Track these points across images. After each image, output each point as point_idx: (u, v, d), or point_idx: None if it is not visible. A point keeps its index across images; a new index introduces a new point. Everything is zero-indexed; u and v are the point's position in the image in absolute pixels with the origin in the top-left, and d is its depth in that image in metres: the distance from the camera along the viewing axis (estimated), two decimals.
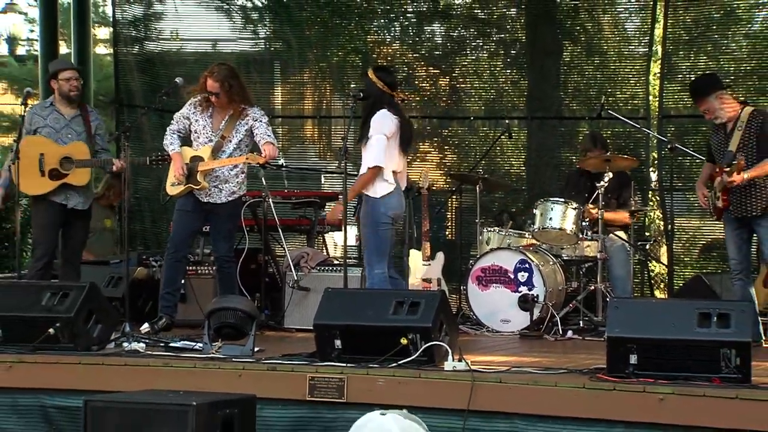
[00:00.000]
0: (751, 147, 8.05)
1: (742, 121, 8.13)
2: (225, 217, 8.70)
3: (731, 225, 8.31)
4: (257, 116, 8.60)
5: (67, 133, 8.94)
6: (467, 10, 13.69)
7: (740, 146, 8.10)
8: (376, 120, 8.30)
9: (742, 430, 6.05)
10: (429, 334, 6.86)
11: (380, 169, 8.21)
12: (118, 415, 5.93)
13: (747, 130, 8.09)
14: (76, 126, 8.99)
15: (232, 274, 8.82)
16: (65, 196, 8.89)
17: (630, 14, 12.82)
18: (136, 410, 5.93)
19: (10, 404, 7.43)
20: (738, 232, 8.29)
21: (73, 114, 9.02)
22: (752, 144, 8.06)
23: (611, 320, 6.75)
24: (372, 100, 8.42)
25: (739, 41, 12.32)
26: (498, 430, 6.49)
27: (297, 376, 6.90)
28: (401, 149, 8.43)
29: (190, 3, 13.08)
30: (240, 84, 8.62)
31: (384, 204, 8.29)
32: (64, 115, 9.01)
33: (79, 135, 8.97)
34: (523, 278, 9.20)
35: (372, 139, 8.26)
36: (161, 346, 7.79)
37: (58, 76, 9.04)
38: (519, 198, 12.41)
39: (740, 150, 8.07)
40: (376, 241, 8.33)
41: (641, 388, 6.26)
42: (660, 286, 11.78)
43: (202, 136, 8.64)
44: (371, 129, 8.29)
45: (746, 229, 8.27)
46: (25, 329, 7.67)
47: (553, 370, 6.83)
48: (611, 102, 11.59)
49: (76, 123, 8.99)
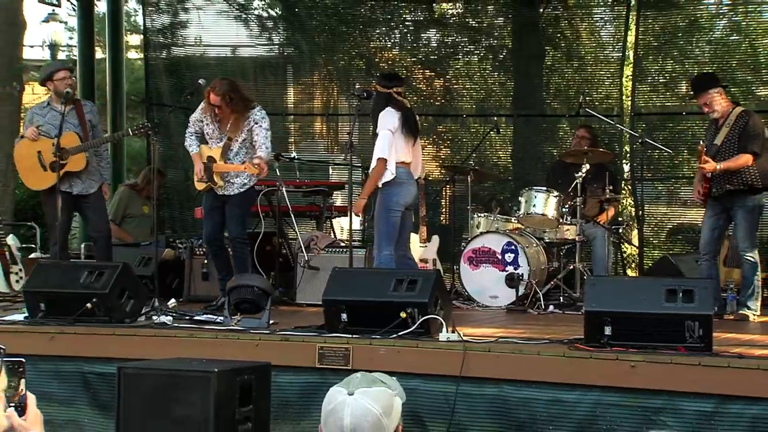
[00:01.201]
0: (734, 142, 8.05)
1: (730, 119, 8.15)
2: (236, 204, 8.68)
3: (712, 211, 8.33)
4: (257, 118, 8.50)
5: (64, 128, 8.83)
6: (459, 19, 13.68)
7: (725, 141, 8.10)
8: (381, 118, 8.32)
9: (704, 393, 6.05)
10: (425, 309, 6.86)
11: (385, 161, 8.21)
12: (148, 380, 5.93)
13: (733, 128, 8.11)
14: (71, 119, 8.88)
15: (246, 254, 8.80)
16: (69, 183, 8.84)
17: (605, 23, 12.80)
18: (164, 376, 5.93)
19: (53, 371, 7.44)
20: (716, 218, 8.31)
21: (68, 109, 8.88)
22: (734, 140, 8.06)
23: (588, 296, 6.76)
24: (376, 103, 8.43)
25: (702, 47, 12.31)
26: (487, 394, 6.50)
27: (308, 345, 6.91)
28: (409, 137, 8.42)
29: (211, 12, 13.06)
30: (240, 95, 8.49)
31: (394, 193, 8.29)
32: (59, 112, 8.89)
33: (75, 127, 8.90)
34: (510, 258, 9.20)
35: (378, 135, 8.28)
36: (186, 319, 7.79)
37: (53, 77, 8.95)
38: (506, 187, 12.40)
39: (724, 144, 8.08)
40: (385, 225, 8.33)
41: (615, 356, 6.26)
42: (632, 266, 11.78)
43: (214, 138, 8.62)
44: (378, 126, 8.31)
45: (725, 216, 8.28)
46: (65, 304, 7.69)
47: (536, 341, 6.85)
48: (588, 101, 11.56)
49: (71, 116, 8.88)
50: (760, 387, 5.94)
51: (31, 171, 8.88)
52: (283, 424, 6.75)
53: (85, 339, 7.45)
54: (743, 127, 8.10)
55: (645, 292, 6.61)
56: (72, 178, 8.85)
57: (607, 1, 12.75)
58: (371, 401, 2.92)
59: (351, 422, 2.88)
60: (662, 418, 6.02)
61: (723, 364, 6.07)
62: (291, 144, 13.26)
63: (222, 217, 8.76)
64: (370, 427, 2.88)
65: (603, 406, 6.24)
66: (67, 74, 9.02)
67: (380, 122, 8.32)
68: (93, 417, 7.37)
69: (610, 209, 10.01)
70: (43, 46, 19.72)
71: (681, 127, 12.08)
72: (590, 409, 6.28)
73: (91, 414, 7.39)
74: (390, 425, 2.92)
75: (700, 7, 12.32)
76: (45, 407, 3.54)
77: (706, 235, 8.37)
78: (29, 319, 7.82)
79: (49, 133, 8.84)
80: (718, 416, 6.00)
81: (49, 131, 8.84)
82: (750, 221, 8.22)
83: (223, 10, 13.21)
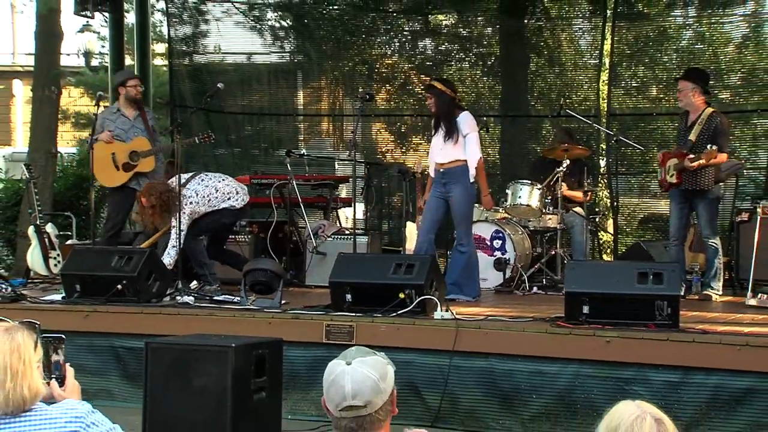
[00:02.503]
0: (706, 139, 8.04)
1: (702, 118, 8.13)
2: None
3: (677, 200, 8.33)
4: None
5: (133, 133, 8.96)
6: (452, 29, 13.65)
7: (699, 137, 8.09)
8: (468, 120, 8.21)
9: (671, 365, 6.07)
10: (422, 290, 6.87)
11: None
12: (172, 354, 5.93)
13: (705, 126, 8.09)
14: (138, 125, 9.02)
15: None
16: (137, 182, 8.92)
17: (583, 33, 12.77)
18: (187, 350, 5.93)
19: (87, 345, 7.45)
20: (681, 206, 8.31)
21: (135, 115, 9.05)
22: (707, 137, 8.05)
23: (568, 278, 6.77)
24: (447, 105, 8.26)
25: (671, 55, 12.28)
26: (477, 366, 6.51)
27: (316, 323, 6.92)
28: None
29: (229, 23, 13.04)
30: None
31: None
32: (129, 118, 9.03)
33: (142, 132, 8.99)
34: (498, 245, 9.19)
35: (470, 137, 8.17)
36: (207, 299, 7.80)
37: (126, 83, 9.09)
38: (494, 180, 12.34)
39: (698, 140, 8.07)
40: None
41: (592, 333, 6.27)
42: (607, 251, 11.75)
43: None
44: (465, 128, 8.18)
45: (688, 204, 8.28)
46: (98, 285, 7.71)
47: (522, 319, 6.85)
48: (568, 103, 11.53)
49: (138, 122, 9.03)
50: (721, 359, 5.95)
51: (105, 170, 9.03)
52: (293, 393, 6.76)
53: (116, 317, 7.47)
54: (716, 126, 8.09)
55: (619, 275, 6.62)
56: (140, 177, 8.93)
57: (585, 13, 12.73)
58: (369, 369, 2.93)
59: (352, 388, 2.88)
60: (634, 387, 6.03)
61: (688, 339, 6.09)
62: (300, 142, 13.24)
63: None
64: (369, 391, 2.89)
65: (581, 377, 6.26)
66: (137, 82, 9.17)
67: (468, 124, 8.22)
68: (123, 386, 7.39)
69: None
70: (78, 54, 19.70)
71: (651, 126, 12.06)
72: (569, 380, 6.29)
73: (121, 384, 7.41)
74: (386, 389, 2.93)
75: (668, 19, 12.30)
76: (80, 378, 3.54)
77: (675, 223, 8.37)
78: (66, 299, 7.85)
79: (120, 136, 8.97)
80: (684, 385, 6.02)
81: (120, 135, 8.97)
82: (710, 211, 8.23)
83: (240, 21, 13.19)
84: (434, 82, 8.49)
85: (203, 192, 8.28)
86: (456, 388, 6.52)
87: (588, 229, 9.75)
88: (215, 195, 8.34)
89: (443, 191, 8.27)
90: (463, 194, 8.20)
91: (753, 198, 10.45)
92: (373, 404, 2.89)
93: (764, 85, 11.66)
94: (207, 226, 8.53)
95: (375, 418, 2.90)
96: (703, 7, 12.09)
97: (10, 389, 2.99)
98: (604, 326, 6.31)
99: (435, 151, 8.35)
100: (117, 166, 8.94)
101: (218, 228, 8.65)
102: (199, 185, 8.29)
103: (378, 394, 2.90)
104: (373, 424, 2.91)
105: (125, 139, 8.97)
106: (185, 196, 8.12)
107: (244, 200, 8.51)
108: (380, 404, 2.91)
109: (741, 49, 12.07)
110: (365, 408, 2.89)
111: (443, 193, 8.27)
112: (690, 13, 12.34)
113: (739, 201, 10.25)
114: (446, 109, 8.23)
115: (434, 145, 8.37)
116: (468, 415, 6.51)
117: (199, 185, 8.29)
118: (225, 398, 5.67)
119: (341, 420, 2.91)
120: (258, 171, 11.12)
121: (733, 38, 12.10)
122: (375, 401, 2.90)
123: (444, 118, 8.23)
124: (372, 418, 2.90)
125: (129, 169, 8.92)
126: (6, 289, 8.07)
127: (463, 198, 8.21)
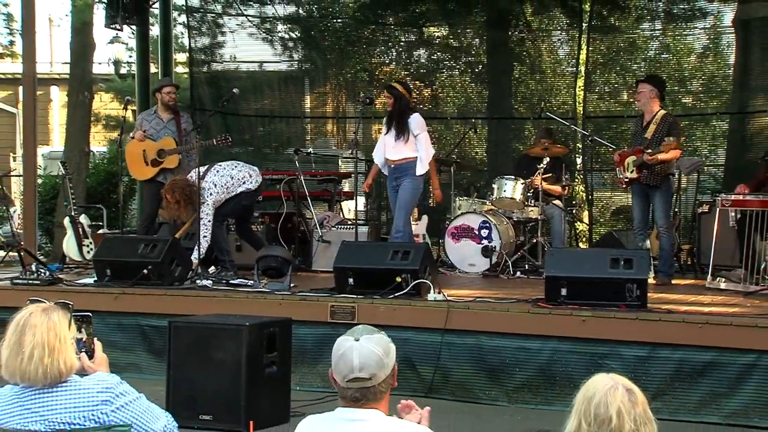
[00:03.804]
0: (661, 137, 8.01)
1: (656, 118, 8.10)
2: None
3: (637, 194, 8.27)
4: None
5: (164, 133, 8.95)
6: (444, 40, 13.64)
7: (654, 135, 8.07)
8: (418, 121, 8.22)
9: (640, 341, 6.07)
10: (417, 274, 6.86)
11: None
12: (193, 332, 5.93)
13: (659, 126, 8.06)
14: (171, 126, 8.99)
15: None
16: (164, 176, 8.88)
17: (562, 43, 12.77)
18: (206, 328, 5.93)
19: (116, 324, 7.45)
20: (641, 200, 8.26)
21: (169, 118, 9.02)
22: (662, 135, 8.02)
23: (548, 264, 6.76)
24: (404, 106, 8.28)
25: (639, 63, 12.27)
26: (467, 343, 6.51)
27: (321, 304, 6.91)
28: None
29: (243, 35, 13.01)
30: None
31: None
32: (163, 120, 9.02)
33: (173, 133, 8.96)
34: (485, 234, 9.18)
35: (421, 137, 8.20)
36: (223, 283, 7.79)
37: (162, 90, 9.08)
38: (482, 176, 12.35)
39: (653, 138, 8.05)
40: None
41: (569, 312, 6.27)
42: (583, 240, 11.75)
43: None
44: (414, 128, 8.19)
45: (646, 197, 8.25)
46: (126, 270, 7.70)
47: (506, 300, 6.84)
48: (548, 106, 11.55)
49: (171, 124, 9.00)
50: (684, 336, 5.96)
51: (137, 165, 9.03)
52: (301, 366, 6.75)
53: (143, 298, 7.46)
54: (670, 124, 8.07)
55: (594, 261, 6.61)
56: (167, 172, 8.89)
57: (563, 26, 12.71)
58: (374, 345, 2.93)
59: (360, 362, 2.88)
60: (607, 361, 6.03)
61: (655, 318, 6.09)
62: (307, 141, 13.22)
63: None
64: (374, 364, 2.89)
65: (560, 353, 6.26)
66: (173, 89, 9.13)
67: (418, 125, 8.23)
68: (149, 360, 7.39)
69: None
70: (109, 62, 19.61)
71: (623, 127, 12.03)
72: (549, 355, 6.29)
73: (147, 358, 7.40)
74: (389, 364, 2.94)
75: (637, 31, 12.29)
76: (110, 353, 3.54)
77: (638, 215, 8.30)
78: (98, 283, 7.84)
79: (152, 136, 8.96)
80: (651, 359, 6.02)
81: (152, 135, 8.95)
82: (665, 203, 8.18)
83: (253, 33, 13.15)
84: (395, 84, 8.56)
85: (221, 182, 8.22)
86: (448, 363, 6.52)
87: (566, 220, 9.73)
88: (231, 182, 8.27)
89: (395, 185, 8.32)
90: (410, 185, 8.23)
91: (713, 192, 10.45)
92: (377, 377, 2.90)
93: (722, 91, 11.66)
94: (230, 211, 8.46)
95: (377, 389, 2.90)
96: (669, 20, 12.08)
97: (48, 364, 2.99)
98: (580, 307, 6.31)
99: (387, 149, 8.35)
100: (146, 162, 8.94)
101: (240, 210, 8.59)
102: (215, 176, 8.24)
103: (382, 368, 2.91)
104: (376, 395, 2.91)
105: (156, 138, 8.96)
106: (204, 189, 8.08)
107: (257, 181, 8.44)
108: (383, 378, 2.91)
109: (702, 59, 12.08)
110: (370, 380, 2.89)
111: (396, 186, 8.32)
112: (657, 26, 12.34)
113: (700, 194, 10.25)
114: (402, 111, 8.26)
115: (386, 143, 8.36)
116: (458, 387, 6.51)
117: (215, 176, 8.24)
118: (240, 371, 5.67)
119: (347, 390, 2.90)
120: (269, 167, 11.10)
121: (694, 49, 12.11)
122: (379, 374, 2.90)
123: (398, 118, 8.24)
124: (375, 390, 2.90)
125: (156, 165, 8.92)
126: (44, 274, 8.07)
127: (409, 188, 8.23)
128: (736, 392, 5.81)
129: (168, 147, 8.91)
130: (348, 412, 2.91)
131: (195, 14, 13.10)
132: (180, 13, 12.93)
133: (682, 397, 5.93)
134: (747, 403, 5.79)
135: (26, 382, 3.01)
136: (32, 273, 8.07)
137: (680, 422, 5.80)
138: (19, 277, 8.07)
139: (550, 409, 6.13)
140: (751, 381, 5.78)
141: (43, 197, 13.49)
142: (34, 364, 2.97)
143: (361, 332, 2.97)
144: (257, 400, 5.69)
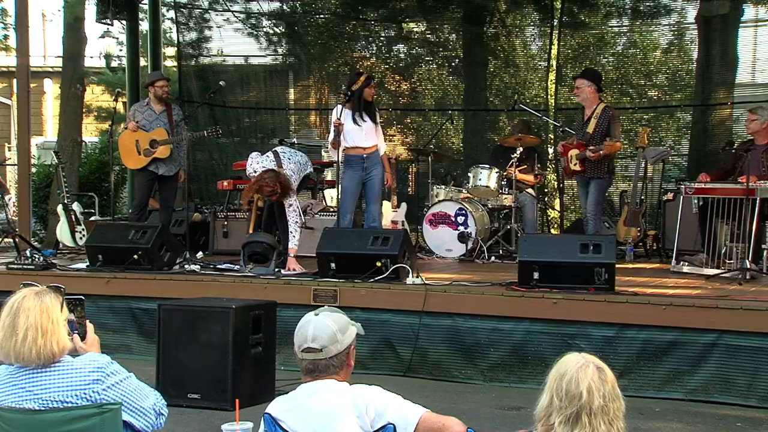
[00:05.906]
0: (602, 131, 8.06)
1: (597, 112, 8.14)
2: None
3: (581, 184, 8.40)
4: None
5: (156, 124, 8.87)
6: (422, 35, 13.61)
7: (595, 129, 8.11)
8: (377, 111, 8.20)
9: (608, 322, 6.11)
10: (396, 259, 6.87)
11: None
12: (182, 314, 5.92)
13: (599, 119, 8.11)
14: (162, 118, 8.91)
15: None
16: (156, 166, 8.82)
17: (534, 39, 12.77)
18: (194, 311, 5.91)
19: (108, 307, 7.42)
20: (585, 190, 8.34)
21: (161, 110, 8.93)
22: (602, 130, 8.07)
23: (521, 249, 6.77)
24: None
25: (608, 58, 12.31)
26: (443, 325, 6.52)
27: (305, 288, 6.91)
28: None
29: (230, 30, 12.94)
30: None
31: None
32: (155, 111, 8.93)
33: (165, 125, 8.89)
34: (461, 220, 9.19)
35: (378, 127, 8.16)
36: (211, 268, 7.77)
37: (156, 83, 8.99)
38: (458, 165, 12.35)
39: (595, 132, 8.08)
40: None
41: (541, 295, 6.29)
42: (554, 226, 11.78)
43: None
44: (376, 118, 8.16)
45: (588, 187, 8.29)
46: (117, 255, 7.67)
47: (481, 283, 6.86)
48: (522, 99, 11.55)
49: (163, 116, 8.92)
50: (649, 317, 6.00)
51: (130, 155, 8.93)
52: (285, 347, 6.72)
53: (133, 282, 7.43)
54: (608, 120, 8.11)
55: (564, 246, 6.63)
56: (158, 162, 8.81)
57: (535, 22, 12.71)
58: (331, 321, 3.01)
59: (312, 333, 2.98)
60: (577, 341, 6.06)
61: (622, 300, 6.12)
62: (292, 132, 13.18)
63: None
64: (327, 338, 2.96)
65: (532, 333, 6.28)
66: (165, 83, 9.03)
67: (377, 115, 8.18)
68: (139, 342, 7.37)
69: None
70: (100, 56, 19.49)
71: None
72: (522, 336, 6.31)
73: (137, 339, 7.38)
74: (343, 341, 2.99)
75: (606, 28, 12.31)
76: (102, 335, 3.53)
77: (584, 203, 8.40)
78: (90, 267, 7.81)
79: (144, 127, 8.87)
80: (618, 339, 6.06)
81: (144, 126, 8.87)
82: (600, 193, 8.23)
83: (239, 28, 13.08)
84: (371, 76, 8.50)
85: (295, 168, 7.94)
86: (425, 343, 6.53)
87: (538, 207, 9.76)
88: (299, 168, 8.03)
89: (362, 174, 8.09)
90: (382, 175, 8.17)
91: (677, 180, 10.50)
92: (328, 350, 2.96)
93: (686, 85, 11.71)
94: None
95: (329, 363, 2.96)
96: (635, 17, 12.10)
97: (41, 345, 2.98)
98: (551, 289, 6.33)
99: (359, 137, 8.03)
100: (139, 152, 8.88)
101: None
102: (289, 164, 7.90)
103: (334, 343, 2.96)
104: (328, 368, 2.97)
105: (148, 129, 8.90)
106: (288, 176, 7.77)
107: (309, 161, 8.38)
108: (334, 353, 2.96)
109: (666, 54, 12.11)
110: (321, 352, 2.95)
111: (363, 176, 8.10)
112: (624, 22, 12.35)
113: (666, 183, 10.30)
114: (372, 102, 8.23)
115: (356, 130, 8.01)
116: (435, 366, 6.52)
117: (289, 164, 7.90)
118: (227, 352, 5.67)
119: (302, 361, 3.00)
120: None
121: (660, 44, 12.14)
122: (330, 348, 2.96)
123: (372, 108, 8.18)
124: (327, 363, 2.96)
125: (148, 155, 8.86)
126: (39, 259, 8.02)
127: (380, 178, 8.16)
128: (698, 370, 5.86)
129: (160, 138, 8.87)
130: (306, 387, 2.99)
131: (183, 10, 13.00)
132: (168, 8, 12.81)
133: (647, 375, 5.97)
134: (708, 380, 5.85)
135: (20, 362, 3.00)
136: (27, 258, 8.01)
137: (646, 398, 5.84)
138: (14, 262, 8.03)
139: (523, 386, 6.16)
140: (712, 359, 5.83)
141: (37, 186, 13.39)
142: (27, 345, 2.96)
143: (324, 310, 3.05)
144: (243, 379, 5.69)
